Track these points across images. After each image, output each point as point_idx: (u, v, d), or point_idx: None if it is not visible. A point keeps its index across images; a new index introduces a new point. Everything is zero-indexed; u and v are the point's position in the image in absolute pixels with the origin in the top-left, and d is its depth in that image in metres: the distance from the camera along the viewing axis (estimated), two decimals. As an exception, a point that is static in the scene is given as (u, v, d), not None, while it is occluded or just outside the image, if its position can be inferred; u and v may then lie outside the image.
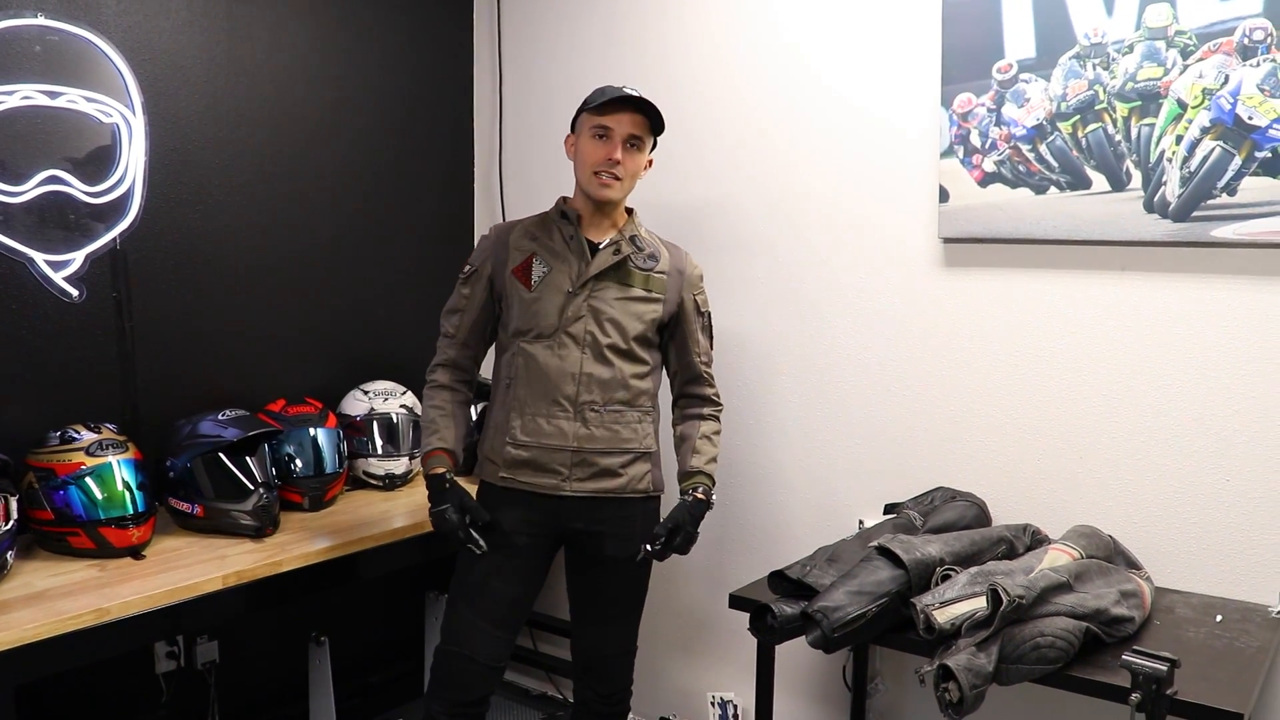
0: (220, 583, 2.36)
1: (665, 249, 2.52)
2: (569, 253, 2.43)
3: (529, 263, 2.45)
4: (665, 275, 2.47)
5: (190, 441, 2.63)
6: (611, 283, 2.42)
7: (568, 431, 2.39)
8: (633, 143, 2.40)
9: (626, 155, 2.39)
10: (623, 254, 2.42)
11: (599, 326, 2.40)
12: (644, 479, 2.47)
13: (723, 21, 3.03)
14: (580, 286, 2.40)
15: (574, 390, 2.39)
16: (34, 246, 2.57)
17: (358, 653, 3.38)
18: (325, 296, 3.26)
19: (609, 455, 2.42)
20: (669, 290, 2.47)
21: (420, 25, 3.48)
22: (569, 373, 2.39)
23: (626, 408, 2.43)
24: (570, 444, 2.39)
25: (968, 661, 1.96)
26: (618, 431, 2.42)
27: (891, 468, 2.81)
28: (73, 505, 2.43)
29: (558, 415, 2.40)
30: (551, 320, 2.40)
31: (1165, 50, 2.31)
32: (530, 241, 2.47)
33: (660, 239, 2.55)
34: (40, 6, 2.54)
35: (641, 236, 2.50)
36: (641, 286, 2.44)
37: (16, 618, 2.10)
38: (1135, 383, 2.44)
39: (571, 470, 2.41)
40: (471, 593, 2.45)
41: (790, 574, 2.30)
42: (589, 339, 2.39)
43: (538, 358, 2.40)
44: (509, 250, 2.48)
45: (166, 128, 2.81)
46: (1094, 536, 2.38)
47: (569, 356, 2.39)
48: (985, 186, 2.57)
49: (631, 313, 2.42)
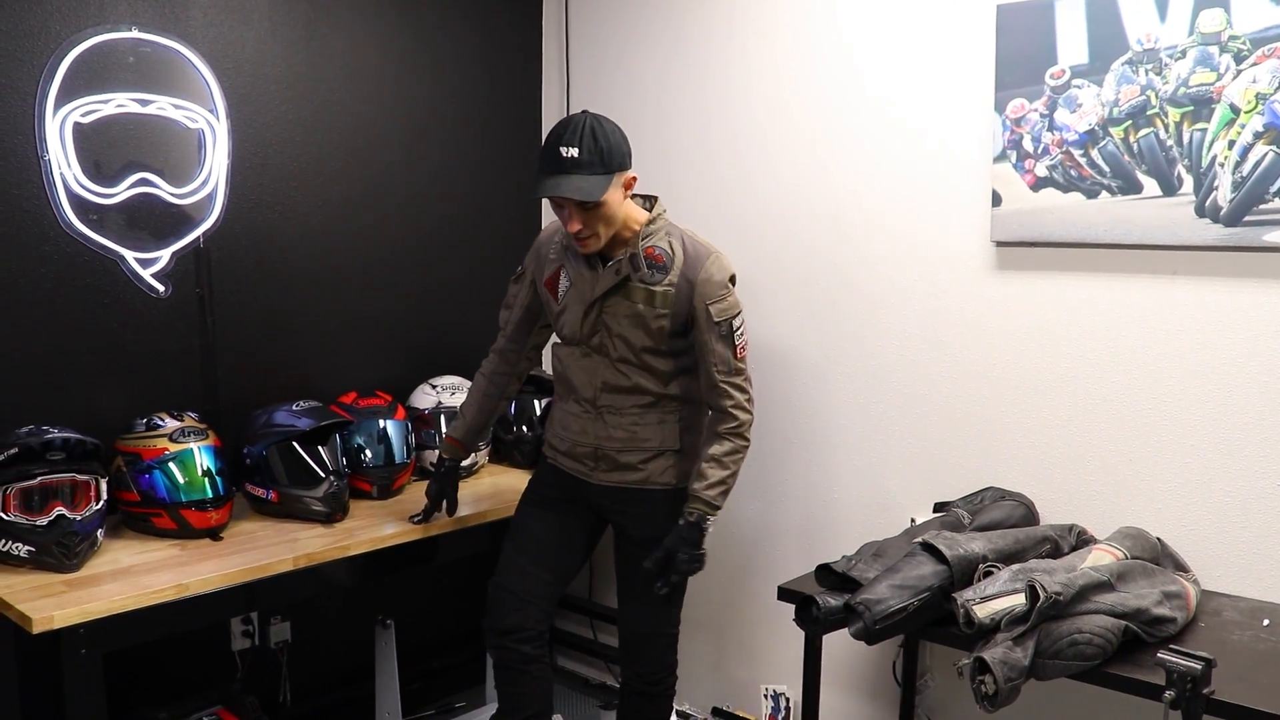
0: (291, 564, 2.49)
1: (684, 254, 2.47)
2: (586, 269, 2.51)
3: (557, 275, 2.60)
4: (671, 288, 2.45)
5: (266, 430, 2.77)
6: (617, 299, 2.49)
7: (589, 430, 2.57)
8: (586, 206, 2.35)
9: (587, 217, 2.36)
10: (622, 274, 2.45)
11: (610, 341, 2.51)
12: (665, 473, 2.57)
13: (780, 30, 3.09)
14: (591, 306, 2.50)
15: (594, 394, 2.55)
16: (125, 245, 2.74)
17: (423, 638, 3.51)
18: (394, 295, 3.39)
19: (627, 452, 2.55)
20: (676, 302, 2.45)
21: (490, 37, 3.59)
22: (590, 379, 2.55)
23: (647, 410, 2.54)
24: (591, 441, 2.57)
25: (1003, 655, 2.01)
26: (636, 432, 2.54)
27: (943, 467, 2.85)
28: (156, 488, 2.58)
29: (581, 415, 2.59)
30: (575, 331, 2.55)
31: (1218, 55, 2.32)
32: (561, 252, 2.59)
33: (686, 241, 2.49)
34: (135, 20, 2.70)
35: (657, 245, 2.47)
36: (644, 302, 2.46)
37: (105, 590, 2.26)
38: (1185, 386, 2.45)
39: (595, 463, 2.58)
40: (513, 532, 2.70)
41: (836, 567, 2.36)
42: (605, 350, 2.52)
43: (568, 362, 2.60)
44: (544, 260, 2.63)
45: (247, 133, 2.96)
46: (1140, 538, 2.40)
47: (591, 364, 2.55)
48: (1037, 191, 2.60)
49: (637, 328, 2.48)
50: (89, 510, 2.41)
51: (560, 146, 2.32)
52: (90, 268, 2.69)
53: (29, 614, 2.11)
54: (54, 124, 2.59)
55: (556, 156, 2.32)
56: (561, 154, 2.32)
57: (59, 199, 2.61)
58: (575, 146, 2.31)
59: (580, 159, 2.31)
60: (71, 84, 2.61)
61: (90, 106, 2.65)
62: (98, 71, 2.65)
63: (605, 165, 2.33)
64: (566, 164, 2.31)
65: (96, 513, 2.43)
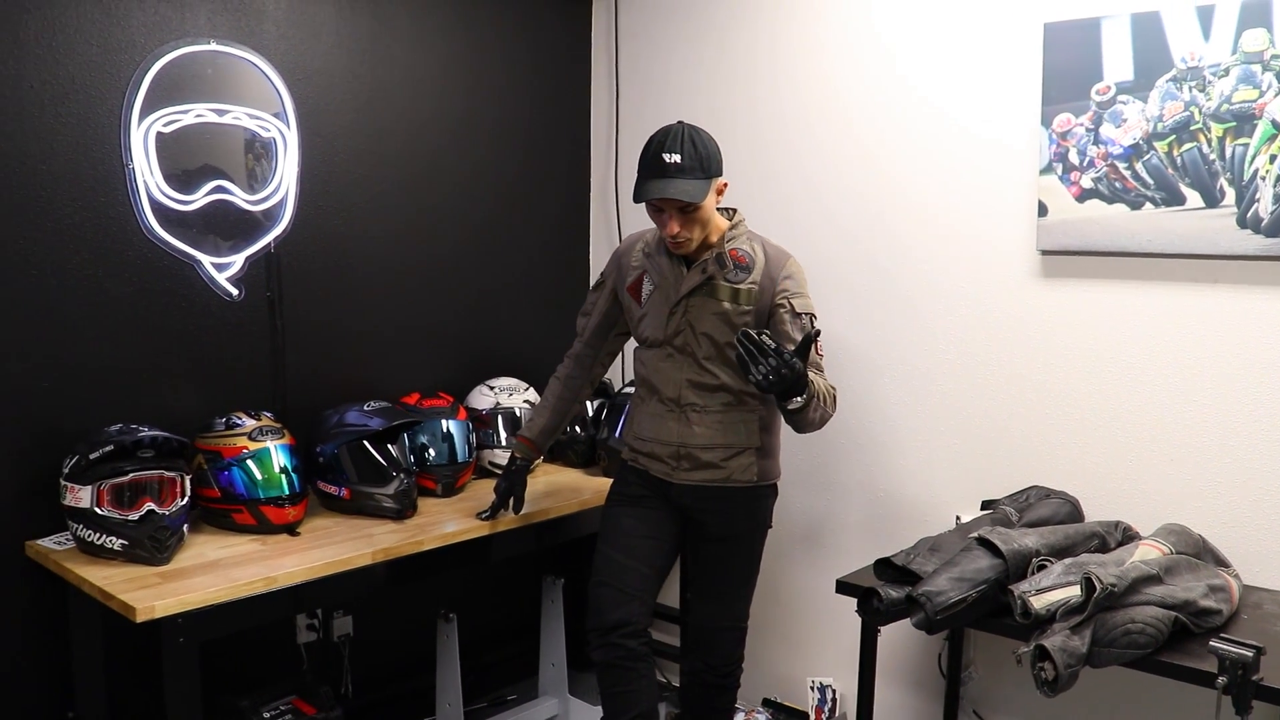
0: (370, 558, 2.60)
1: (764, 256, 2.61)
2: (670, 271, 2.64)
3: (640, 280, 2.71)
4: (755, 285, 2.58)
5: (338, 430, 2.87)
6: (703, 298, 2.60)
7: (673, 429, 2.65)
8: (686, 209, 2.48)
9: (685, 221, 2.49)
10: (708, 273, 2.58)
11: (695, 339, 2.61)
12: (746, 471, 2.66)
13: (830, 39, 3.20)
14: (676, 305, 2.61)
15: (677, 394, 2.64)
16: (201, 250, 2.85)
17: (476, 631, 3.60)
18: (454, 298, 3.50)
19: (710, 450, 2.63)
20: (759, 299, 2.58)
21: (542, 45, 3.70)
22: (674, 379, 2.64)
23: (730, 409, 2.63)
24: (675, 440, 2.65)
25: (1063, 643, 2.11)
26: (720, 430, 2.63)
27: (988, 467, 2.95)
28: (235, 485, 2.68)
29: (665, 415, 2.66)
30: (658, 334, 2.65)
31: (1261, 74, 2.43)
32: (644, 258, 2.71)
33: (766, 245, 2.64)
34: (213, 33, 2.81)
35: (740, 248, 2.60)
36: (730, 300, 2.58)
37: (198, 582, 2.36)
38: (1225, 389, 2.56)
39: (677, 463, 2.66)
40: (607, 532, 2.76)
41: (896, 561, 2.47)
42: (689, 350, 2.62)
43: (651, 364, 2.68)
44: (626, 269, 2.75)
45: (316, 141, 3.07)
46: (1183, 534, 2.51)
47: (675, 364, 2.64)
48: (1083, 202, 2.70)
49: (722, 324, 2.58)
50: (175, 506, 2.51)
51: (664, 153, 2.45)
52: (169, 272, 2.80)
53: (133, 604, 2.21)
54: (139, 133, 2.69)
55: (660, 163, 2.45)
56: (665, 160, 2.44)
57: (142, 206, 2.72)
58: (677, 153, 2.44)
59: (683, 164, 2.44)
60: (155, 95, 2.72)
61: (172, 116, 2.75)
62: (178, 83, 2.76)
63: (704, 170, 2.47)
64: (670, 169, 2.44)
65: (182, 508, 2.53)
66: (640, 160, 2.51)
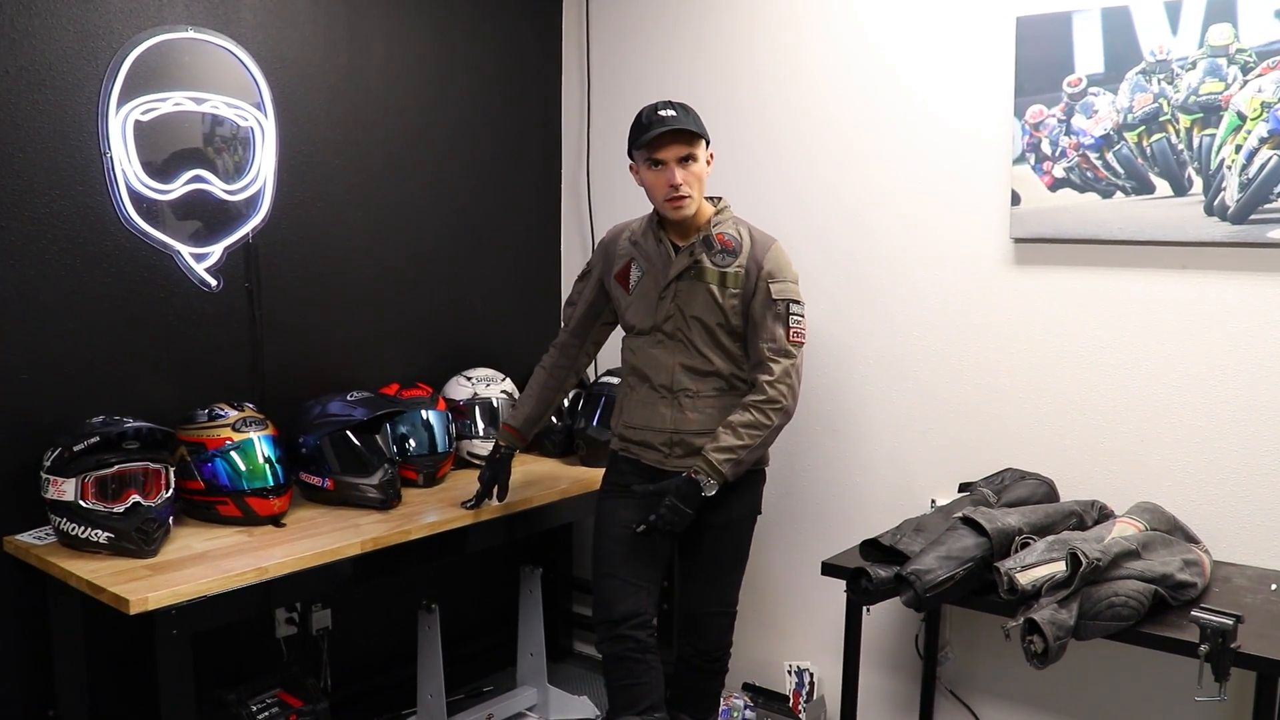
0: (359, 548, 2.59)
1: (751, 240, 2.65)
2: (658, 257, 2.68)
3: (628, 268, 2.74)
4: (741, 269, 2.62)
5: (322, 420, 2.85)
6: (691, 281, 2.64)
7: (666, 416, 2.68)
8: (686, 160, 2.56)
9: (686, 173, 2.56)
10: (695, 256, 2.62)
11: (685, 323, 2.64)
12: None
13: (808, 32, 3.24)
14: (665, 289, 2.65)
15: (670, 380, 2.66)
16: (180, 240, 2.81)
17: (457, 623, 3.59)
18: (430, 290, 3.49)
19: (704, 436, 2.64)
20: (745, 283, 2.62)
21: (513, 38, 3.70)
22: (666, 364, 2.67)
23: (722, 394, 2.67)
24: (669, 426, 2.67)
25: (1051, 616, 2.18)
26: (714, 415, 2.65)
27: (963, 451, 3.02)
28: (219, 476, 2.66)
29: (658, 402, 2.69)
30: (647, 320, 2.68)
31: (1226, 67, 2.52)
32: (631, 247, 2.74)
33: (752, 230, 2.68)
34: (190, 20, 2.78)
35: (726, 232, 2.65)
36: (717, 283, 2.62)
37: (189, 574, 2.34)
38: (1194, 372, 2.65)
39: (671, 449, 2.68)
40: (605, 524, 2.77)
41: (883, 541, 2.52)
42: (679, 334, 2.65)
43: (641, 352, 2.71)
44: (614, 257, 2.77)
45: (294, 131, 3.05)
46: (1156, 512, 2.59)
47: (666, 350, 2.67)
48: (1055, 191, 2.78)
49: (711, 308, 2.63)
50: (160, 498, 2.49)
51: (659, 110, 2.56)
52: (147, 262, 2.76)
53: (125, 596, 2.19)
54: (116, 121, 2.66)
55: (658, 116, 2.55)
56: (662, 114, 2.55)
57: (120, 195, 2.68)
58: (672, 109, 2.56)
59: (679, 116, 2.56)
60: (132, 83, 2.68)
61: (150, 105, 2.72)
62: (156, 71, 2.73)
63: (699, 126, 2.59)
64: (670, 119, 2.55)
65: (167, 500, 2.51)
66: (634, 126, 2.60)
